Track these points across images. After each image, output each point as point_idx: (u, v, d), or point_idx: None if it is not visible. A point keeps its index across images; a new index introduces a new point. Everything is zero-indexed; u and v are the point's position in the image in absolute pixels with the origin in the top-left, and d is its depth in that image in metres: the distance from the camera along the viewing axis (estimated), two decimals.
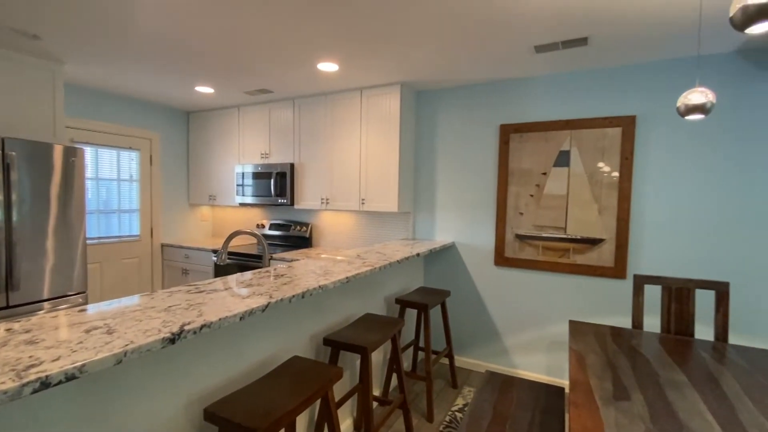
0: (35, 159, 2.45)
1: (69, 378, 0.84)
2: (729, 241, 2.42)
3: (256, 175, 3.82)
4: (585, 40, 2.25)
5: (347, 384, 2.25)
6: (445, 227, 3.33)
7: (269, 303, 1.38)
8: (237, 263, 3.60)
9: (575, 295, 2.83)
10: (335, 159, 3.45)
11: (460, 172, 3.24)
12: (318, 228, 3.94)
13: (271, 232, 4.13)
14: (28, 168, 2.42)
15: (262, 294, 1.47)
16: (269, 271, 1.89)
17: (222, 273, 3.70)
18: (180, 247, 4.01)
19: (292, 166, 3.65)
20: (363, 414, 1.83)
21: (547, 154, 2.87)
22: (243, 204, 3.97)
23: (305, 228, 3.91)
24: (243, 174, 3.91)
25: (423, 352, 3.10)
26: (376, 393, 2.62)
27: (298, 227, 3.95)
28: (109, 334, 1.02)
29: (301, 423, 1.89)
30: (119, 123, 3.79)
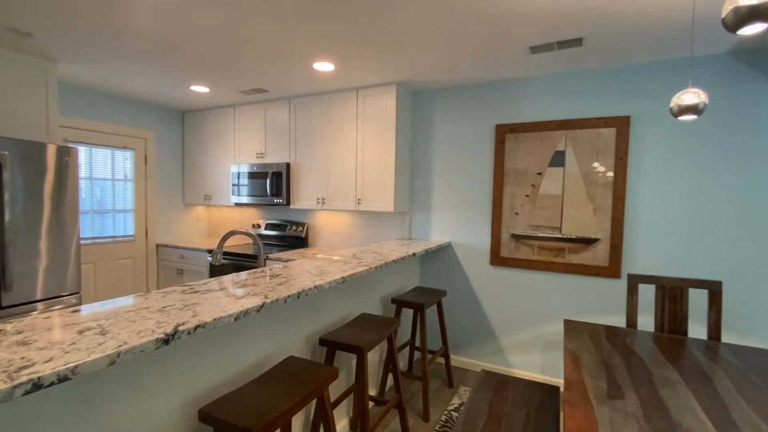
0: (28, 158, 2.43)
1: (61, 379, 0.83)
2: (722, 241, 2.44)
3: (251, 175, 3.81)
4: (580, 40, 2.26)
5: (343, 384, 2.25)
6: (441, 227, 3.33)
7: (264, 303, 1.38)
8: (232, 263, 3.58)
9: (570, 295, 2.85)
10: (331, 159, 3.44)
11: (456, 172, 3.25)
12: (314, 228, 3.93)
13: (267, 232, 4.12)
14: (20, 167, 2.40)
15: (257, 294, 1.47)
16: (265, 271, 1.89)
17: (217, 273, 3.69)
18: (175, 248, 3.99)
19: (287, 165, 3.64)
20: (359, 414, 1.83)
21: (543, 154, 2.89)
22: (239, 204, 3.95)
23: (301, 228, 3.90)
24: (239, 174, 3.90)
25: (419, 351, 3.11)
26: (372, 393, 2.62)
27: (294, 227, 3.95)
28: (103, 335, 1.02)
29: (297, 423, 1.88)
30: (113, 122, 3.76)
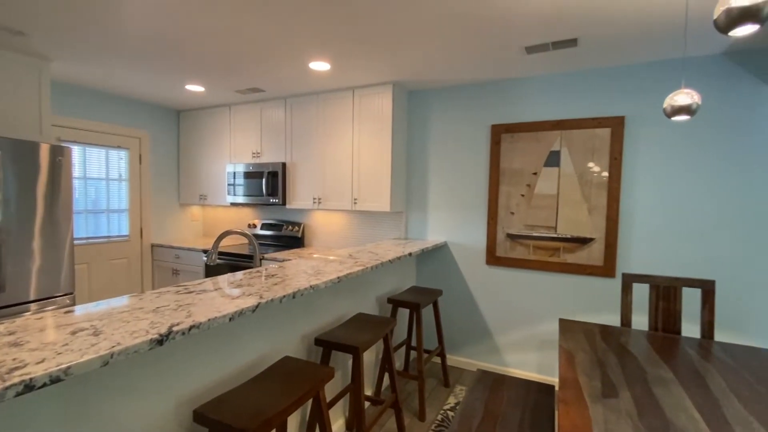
0: (21, 158, 2.41)
1: (54, 380, 0.82)
2: (716, 240, 2.46)
3: (247, 175, 3.80)
4: (575, 41, 2.27)
5: (339, 384, 2.25)
6: (438, 227, 3.34)
7: (259, 303, 1.37)
8: (228, 263, 3.57)
9: (565, 294, 2.86)
10: (327, 158, 3.44)
11: (452, 172, 3.26)
12: (310, 228, 3.93)
13: (263, 231, 4.11)
14: (13, 167, 2.37)
15: (252, 294, 1.46)
16: (260, 272, 1.88)
17: (213, 273, 3.67)
18: (170, 248, 3.97)
19: (283, 165, 3.63)
20: (355, 414, 1.83)
21: (538, 154, 2.90)
22: (234, 204, 3.94)
23: (297, 228, 3.90)
24: (234, 173, 3.88)
25: (415, 351, 3.11)
26: (368, 392, 2.62)
27: (290, 227, 3.94)
28: (96, 335, 1.01)
29: (293, 423, 1.88)
30: (107, 121, 3.74)
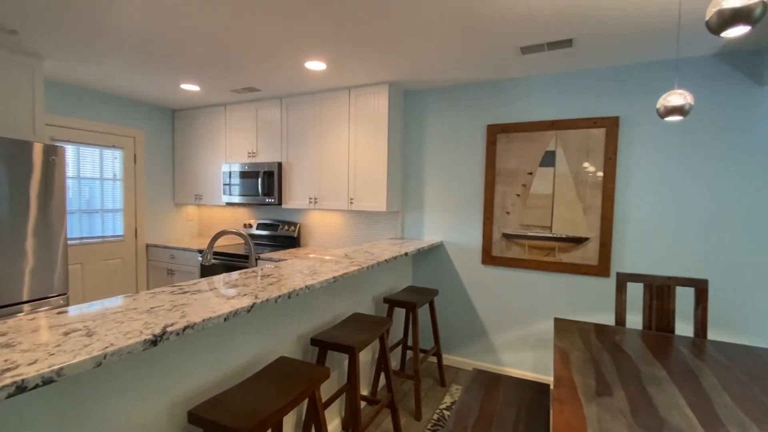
0: (13, 157, 2.39)
1: (46, 382, 0.82)
2: (709, 239, 2.48)
3: (243, 174, 3.79)
4: (570, 41, 2.28)
5: (335, 384, 2.25)
6: (434, 226, 3.34)
7: (254, 303, 1.37)
8: (223, 263, 3.56)
9: (560, 293, 2.87)
10: (324, 158, 3.43)
11: (448, 171, 3.26)
12: (306, 228, 3.92)
13: (259, 231, 4.09)
14: (6, 167, 2.35)
15: (247, 294, 1.46)
16: (256, 272, 1.88)
17: (208, 273, 3.66)
18: (165, 248, 3.95)
19: (279, 165, 3.62)
20: (351, 413, 1.83)
21: (534, 154, 2.91)
22: (230, 203, 3.92)
23: (293, 228, 3.89)
24: (230, 173, 3.87)
25: (411, 350, 3.11)
26: (364, 392, 2.62)
27: (286, 227, 3.93)
28: (89, 336, 1.00)
29: (288, 423, 1.88)
30: (102, 121, 3.71)
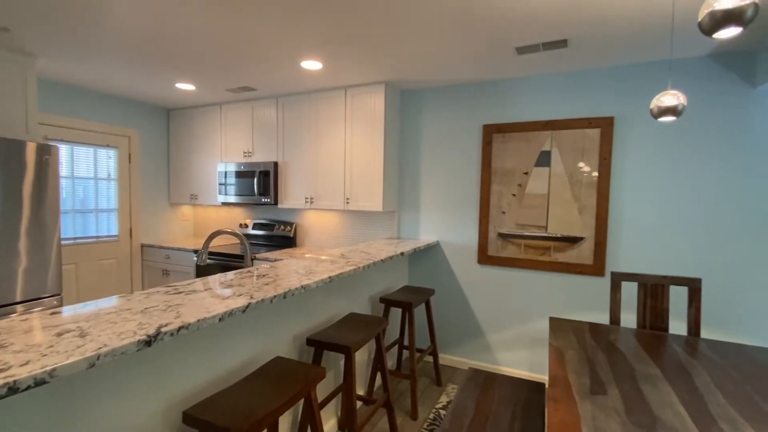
0: (6, 157, 2.36)
1: (38, 383, 0.81)
2: (702, 239, 2.50)
3: (239, 174, 3.77)
4: (565, 42, 2.29)
5: (331, 384, 2.25)
6: (430, 226, 3.34)
7: (250, 303, 1.36)
8: (219, 263, 3.54)
9: (556, 293, 2.89)
10: (320, 158, 3.43)
11: (444, 171, 3.27)
12: (302, 227, 3.91)
13: (255, 231, 4.08)
14: None
15: (242, 294, 1.45)
16: (251, 272, 1.87)
17: (204, 274, 3.64)
18: (160, 248, 3.92)
19: (275, 164, 3.62)
20: (347, 413, 1.83)
21: (529, 154, 2.92)
22: (225, 203, 3.91)
23: (289, 227, 3.88)
24: (225, 173, 3.85)
25: (407, 350, 3.11)
26: (360, 392, 2.62)
27: (282, 227, 3.92)
28: (82, 337, 1.00)
29: (284, 424, 1.87)
30: (96, 120, 3.68)
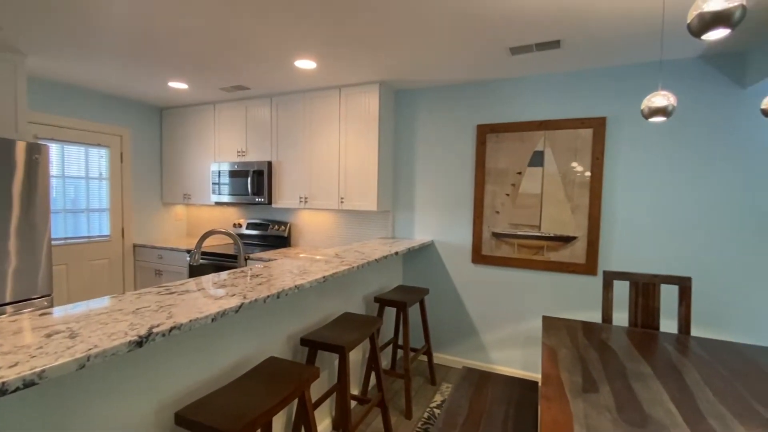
0: None
1: (27, 384, 0.80)
2: (693, 238, 2.53)
3: (232, 174, 3.75)
4: (558, 42, 2.30)
5: (325, 383, 2.24)
6: (424, 226, 3.35)
7: (242, 304, 1.36)
8: (212, 263, 3.52)
9: (549, 292, 2.91)
10: (314, 157, 3.42)
11: (438, 171, 3.27)
12: (297, 227, 3.90)
13: (249, 231, 4.06)
14: None
15: (235, 294, 1.45)
16: (245, 271, 1.86)
17: (197, 274, 3.62)
18: (153, 248, 3.89)
19: (269, 164, 3.60)
20: (341, 413, 1.83)
21: (523, 154, 2.93)
22: (219, 203, 3.88)
23: (283, 227, 3.87)
24: (219, 172, 3.83)
25: (402, 349, 3.12)
26: (354, 392, 2.62)
27: (276, 226, 3.90)
28: (72, 338, 0.99)
29: (278, 424, 1.87)
30: (87, 118, 3.64)
